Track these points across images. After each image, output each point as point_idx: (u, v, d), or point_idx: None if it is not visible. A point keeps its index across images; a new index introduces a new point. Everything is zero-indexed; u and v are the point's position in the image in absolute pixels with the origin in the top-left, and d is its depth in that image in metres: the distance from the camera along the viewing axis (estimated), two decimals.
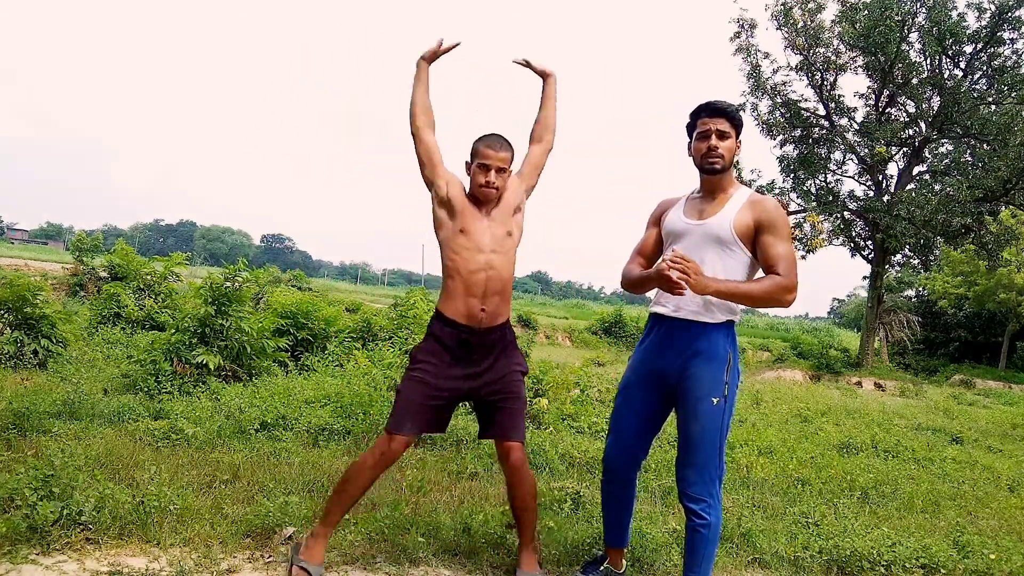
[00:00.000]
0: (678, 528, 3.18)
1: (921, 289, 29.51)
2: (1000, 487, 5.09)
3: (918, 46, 19.22)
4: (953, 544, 3.45)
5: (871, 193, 20.58)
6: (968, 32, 18.49)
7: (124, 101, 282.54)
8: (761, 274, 2.44)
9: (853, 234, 20.85)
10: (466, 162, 2.71)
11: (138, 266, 11.47)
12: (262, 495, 3.17)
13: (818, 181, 20.85)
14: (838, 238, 20.73)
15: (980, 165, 18.80)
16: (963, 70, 19.18)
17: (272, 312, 7.61)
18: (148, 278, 10.52)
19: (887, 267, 21.53)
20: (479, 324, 2.60)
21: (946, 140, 20.12)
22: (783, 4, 19.64)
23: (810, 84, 20.47)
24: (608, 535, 2.73)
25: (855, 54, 19.57)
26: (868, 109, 20.49)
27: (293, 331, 7.52)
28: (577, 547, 2.98)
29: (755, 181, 20.45)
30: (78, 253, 14.10)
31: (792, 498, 4.14)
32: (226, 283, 6.08)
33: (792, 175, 20.83)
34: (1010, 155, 17.14)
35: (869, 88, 20.36)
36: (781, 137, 20.83)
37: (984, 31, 18.42)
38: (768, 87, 20.40)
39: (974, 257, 21.68)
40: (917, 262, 22.41)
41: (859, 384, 17.57)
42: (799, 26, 19.50)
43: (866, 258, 21.12)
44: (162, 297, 10.19)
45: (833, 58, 19.74)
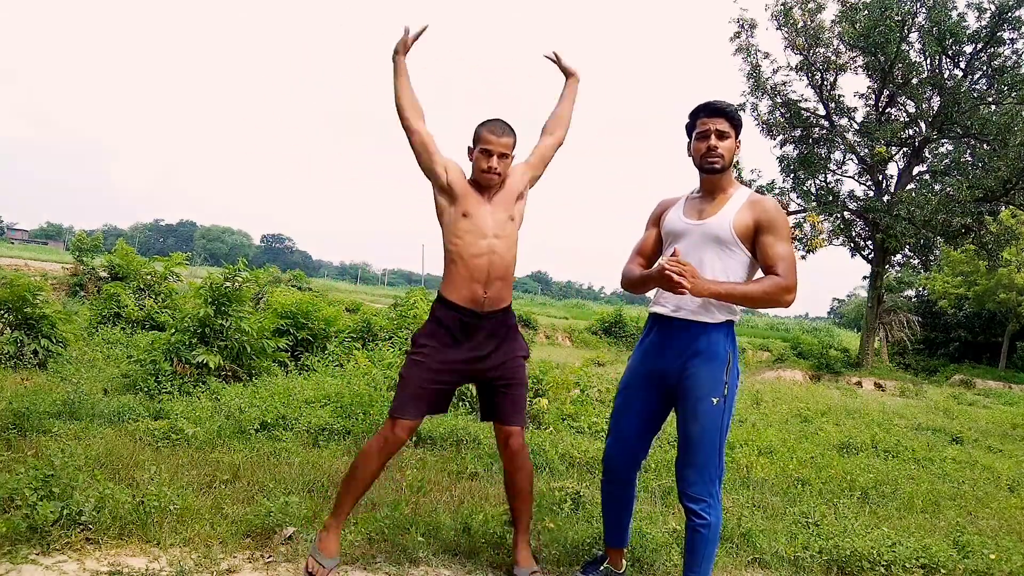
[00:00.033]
0: (678, 528, 3.18)
1: (921, 289, 29.51)
2: (1000, 487, 5.09)
3: (918, 46, 19.23)
4: (953, 544, 3.45)
5: (871, 193, 20.59)
6: (968, 32, 18.49)
7: (124, 101, 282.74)
8: (760, 274, 2.45)
9: (853, 234, 20.85)
10: (468, 147, 2.70)
11: (138, 266, 11.47)
12: (262, 495, 3.17)
13: (818, 181, 20.85)
14: (838, 238, 20.74)
15: (980, 165, 18.80)
16: (963, 70, 19.18)
17: (272, 312, 7.62)
18: (148, 278, 10.52)
19: (887, 267, 21.53)
20: (482, 308, 2.60)
21: (946, 140, 20.12)
22: (783, 4, 19.65)
23: (810, 84, 20.48)
24: (608, 535, 2.73)
25: (855, 54, 19.58)
26: (868, 109, 20.50)
27: (293, 331, 7.52)
28: (577, 547, 2.98)
29: (755, 181, 20.45)
30: (78, 253, 14.10)
31: (792, 498, 4.14)
32: (226, 283, 6.08)
33: (792, 175, 20.84)
34: (1010, 155, 17.14)
35: (869, 88, 20.38)
36: (781, 137, 20.84)
37: (984, 31, 18.42)
38: (768, 87, 20.40)
39: (974, 257, 21.69)
40: (917, 262, 22.42)
41: (859, 384, 17.57)
42: (799, 26, 19.50)
43: (866, 258, 21.12)
44: (162, 297, 10.19)
45: (833, 58, 19.74)
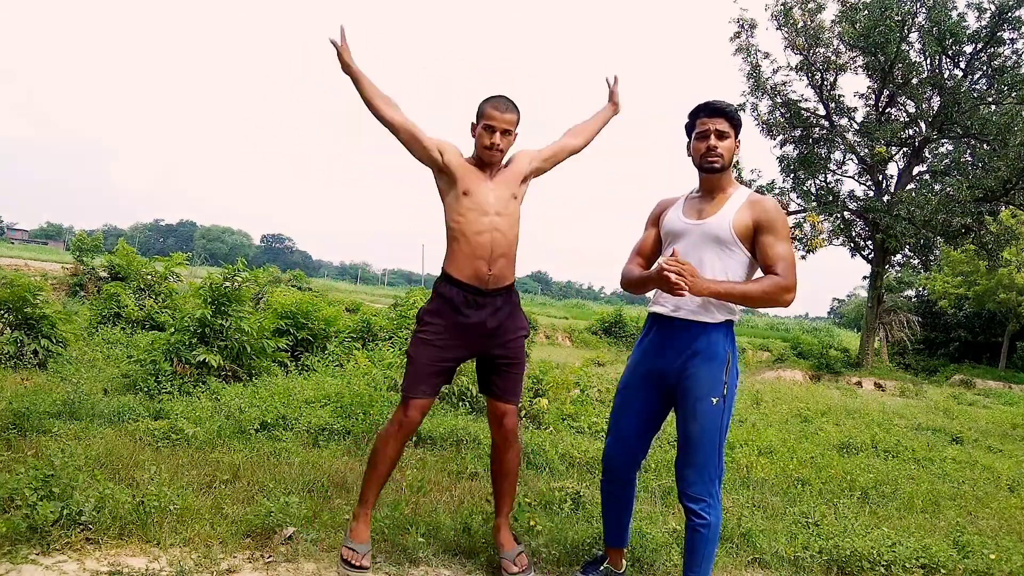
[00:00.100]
0: (678, 528, 3.18)
1: (921, 289, 29.50)
2: (1000, 487, 5.09)
3: (918, 46, 19.23)
4: (953, 544, 3.45)
5: (871, 193, 20.59)
6: (968, 32, 18.49)
7: (124, 101, 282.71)
8: (760, 274, 2.45)
9: (853, 234, 20.86)
10: (472, 123, 2.69)
11: (139, 266, 11.47)
12: (262, 495, 3.17)
13: (818, 181, 20.86)
14: (838, 238, 20.74)
15: (980, 165, 18.80)
16: (963, 70, 19.18)
17: (272, 312, 7.62)
18: (149, 278, 10.52)
19: (887, 267, 21.53)
20: (486, 286, 2.61)
21: (946, 140, 20.12)
22: (783, 4, 19.65)
23: (810, 84, 20.48)
24: (608, 535, 2.73)
25: (855, 54, 19.58)
26: (868, 109, 20.50)
27: (293, 331, 7.52)
28: (577, 547, 2.98)
29: (755, 181, 20.46)
30: (78, 253, 14.10)
31: (792, 498, 4.14)
32: (225, 283, 6.08)
33: (792, 175, 20.84)
34: (1010, 155, 17.14)
35: (869, 88, 20.38)
36: (781, 137, 20.85)
37: (984, 31, 18.42)
38: (768, 87, 20.41)
39: (974, 257, 21.68)
40: (917, 262, 22.42)
41: (859, 384, 17.57)
42: (799, 26, 19.50)
43: (866, 258, 21.12)
44: (162, 297, 10.18)
45: (833, 58, 19.74)
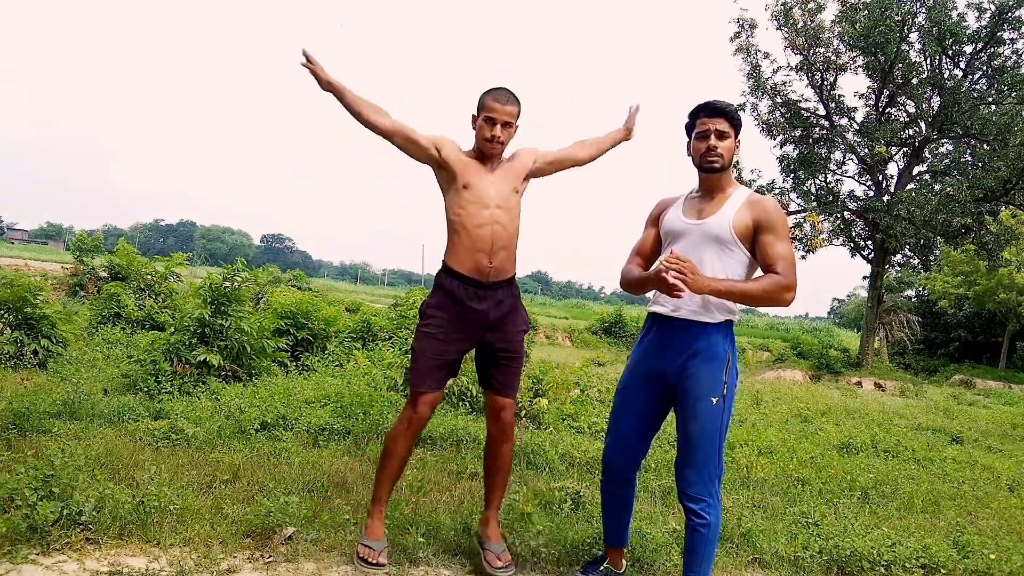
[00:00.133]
0: (678, 528, 3.18)
1: (921, 289, 29.50)
2: (1000, 487, 5.09)
3: (918, 46, 19.23)
4: (953, 544, 3.45)
5: (871, 193, 20.59)
6: (968, 32, 18.49)
7: (124, 101, 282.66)
8: (760, 274, 2.44)
9: (853, 234, 20.86)
10: (472, 115, 2.69)
11: (139, 266, 11.46)
12: (262, 495, 3.17)
13: (818, 181, 20.86)
14: (838, 238, 20.74)
15: (980, 165, 18.80)
16: (963, 70, 19.18)
17: (272, 312, 7.61)
18: (149, 278, 10.51)
19: (887, 267, 21.53)
20: (487, 279, 2.62)
21: (946, 140, 20.12)
22: (783, 4, 19.65)
23: (810, 84, 20.48)
24: (608, 535, 2.73)
25: (855, 54, 19.58)
26: (868, 109, 20.50)
27: (293, 331, 7.52)
28: (577, 547, 2.98)
29: (755, 181, 20.46)
30: (78, 253, 14.09)
31: (792, 498, 4.14)
32: (225, 283, 6.08)
33: (792, 175, 20.84)
34: (1010, 155, 17.14)
35: (869, 88, 20.38)
36: (781, 137, 20.85)
37: (984, 31, 18.42)
38: (768, 87, 20.41)
39: (974, 257, 21.68)
40: (917, 262, 22.43)
41: (859, 384, 17.57)
42: (799, 26, 19.50)
43: (866, 258, 21.12)
44: (162, 297, 10.18)
45: (833, 58, 19.74)
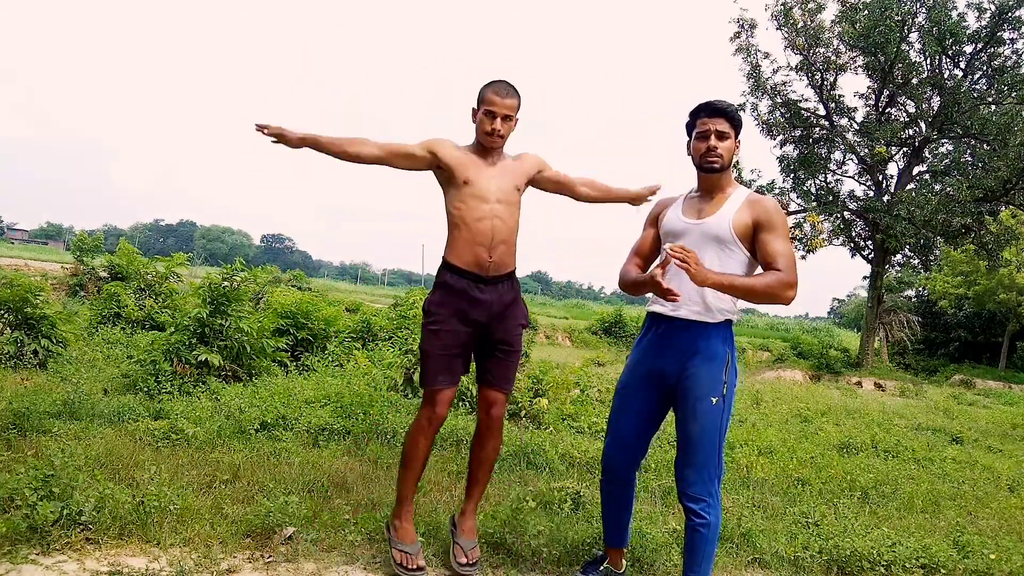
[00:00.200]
0: (678, 528, 3.18)
1: (921, 289, 29.50)
2: (1000, 487, 5.09)
3: (918, 46, 19.23)
4: (953, 544, 3.45)
5: (871, 193, 20.59)
6: (968, 32, 18.49)
7: (124, 101, 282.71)
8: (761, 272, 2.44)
9: (853, 234, 20.86)
10: (472, 109, 2.69)
11: (139, 266, 11.46)
12: (262, 495, 3.17)
13: (818, 181, 20.86)
14: (838, 238, 20.75)
15: (980, 165, 18.80)
16: (963, 70, 19.18)
17: (272, 312, 7.61)
18: (149, 278, 10.51)
19: (887, 267, 21.53)
20: (487, 273, 2.63)
21: (946, 140, 20.12)
22: (783, 4, 19.65)
23: (810, 84, 20.49)
24: (608, 535, 2.73)
25: (855, 54, 19.58)
26: (868, 109, 20.51)
27: (293, 331, 7.52)
28: (577, 547, 2.98)
29: (755, 181, 20.46)
30: (78, 253, 14.07)
31: (792, 498, 4.14)
32: (224, 283, 6.08)
33: (792, 175, 20.84)
34: (1010, 155, 17.14)
35: (869, 88, 20.39)
36: (781, 137, 20.85)
37: (984, 31, 18.42)
38: (768, 87, 20.41)
39: (974, 257, 21.67)
40: (917, 262, 22.44)
41: (859, 384, 17.57)
42: (799, 26, 19.51)
43: (866, 258, 21.13)
44: (162, 297, 10.17)
45: (833, 58, 19.74)
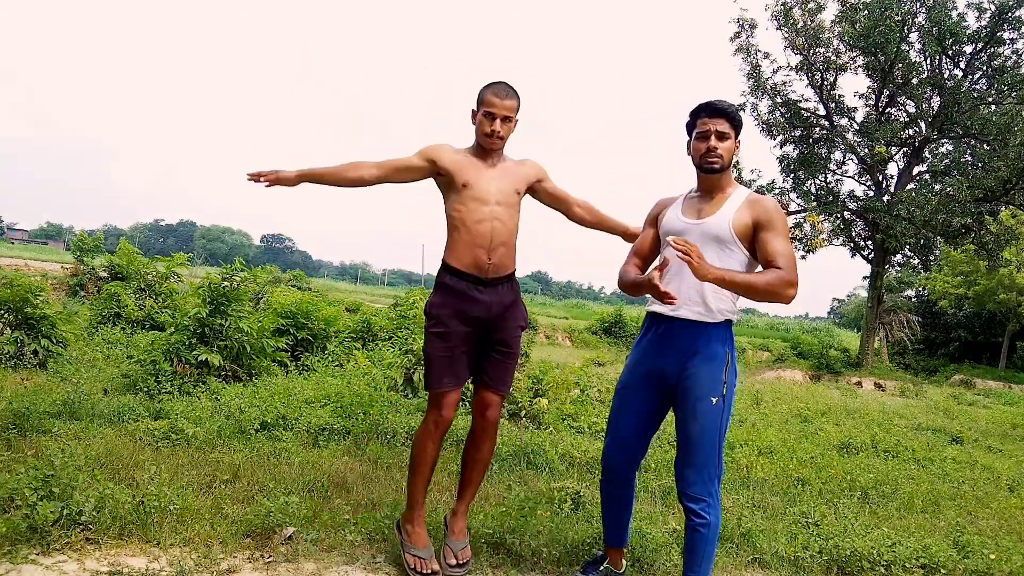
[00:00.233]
0: (678, 528, 3.18)
1: (921, 289, 29.49)
2: (1000, 487, 5.09)
3: (918, 46, 19.23)
4: (953, 544, 3.45)
5: (871, 193, 20.59)
6: (968, 32, 18.49)
7: (124, 101, 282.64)
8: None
9: (853, 234, 20.86)
10: (472, 110, 2.70)
11: (139, 266, 11.45)
12: (262, 495, 3.17)
13: (818, 181, 20.86)
14: (838, 238, 20.74)
15: (980, 165, 18.80)
16: (963, 70, 19.18)
17: (272, 312, 7.61)
18: (150, 278, 10.50)
19: (887, 267, 21.53)
20: (486, 275, 2.63)
21: (946, 140, 20.12)
22: (783, 4, 19.65)
23: (810, 84, 20.48)
24: (608, 535, 2.73)
25: (855, 54, 19.58)
26: (868, 109, 20.50)
27: (293, 331, 7.52)
28: (577, 547, 2.98)
29: (755, 181, 20.45)
30: (78, 253, 14.07)
31: (792, 498, 4.14)
32: (224, 283, 6.08)
33: (792, 175, 20.84)
34: (1010, 155, 17.14)
35: (869, 88, 20.38)
36: (781, 137, 20.84)
37: (984, 31, 18.42)
38: (768, 87, 20.40)
39: (974, 257, 21.67)
40: (917, 262, 22.43)
41: (859, 384, 17.57)
42: (799, 26, 19.50)
43: (866, 258, 21.12)
44: (162, 297, 10.17)
45: (833, 58, 19.74)
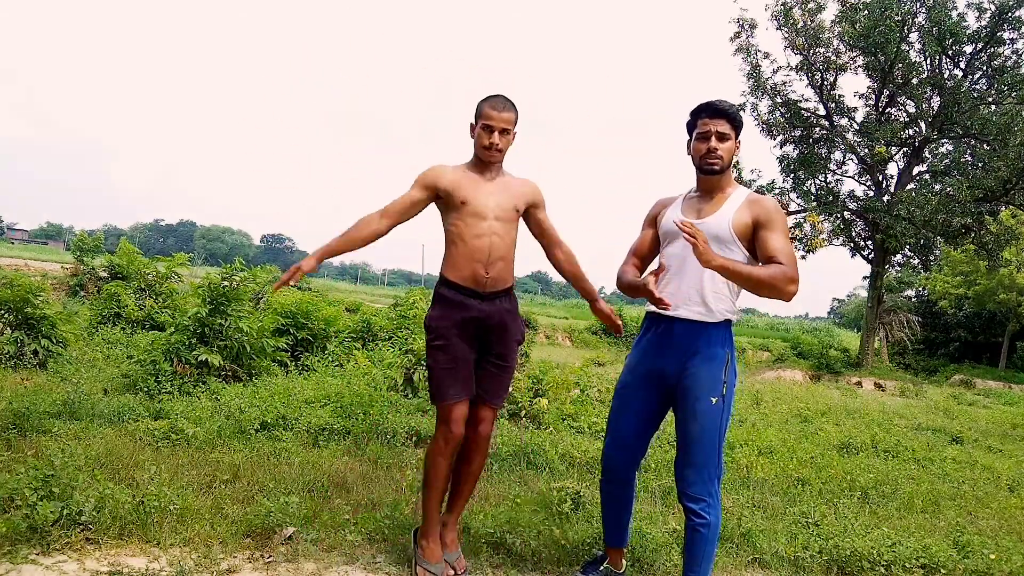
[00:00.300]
0: (678, 528, 3.18)
1: (921, 289, 29.50)
2: (1000, 487, 5.09)
3: (918, 46, 19.23)
4: (953, 544, 3.45)
5: (871, 193, 20.59)
6: (968, 32, 18.49)
7: (124, 101, 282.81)
8: None
9: (853, 234, 20.86)
10: (471, 124, 2.70)
11: (140, 266, 11.45)
12: (262, 495, 3.17)
13: (818, 181, 20.86)
14: (838, 238, 20.75)
15: (980, 165, 18.80)
16: (963, 70, 19.18)
17: (272, 312, 7.61)
18: (150, 278, 10.50)
19: (887, 267, 21.53)
20: (484, 288, 2.63)
21: (946, 140, 20.12)
22: (783, 4, 19.65)
23: (810, 84, 20.48)
24: (608, 535, 2.73)
25: (855, 54, 19.58)
26: (868, 109, 20.50)
27: (293, 331, 7.52)
28: (577, 547, 2.98)
29: (755, 181, 20.45)
30: (78, 253, 14.06)
31: (792, 498, 4.14)
32: (223, 282, 6.07)
33: (792, 175, 20.84)
34: (1010, 155, 17.14)
35: (869, 88, 20.39)
36: (781, 137, 20.85)
37: (984, 31, 18.42)
38: (768, 87, 20.41)
39: (974, 257, 21.68)
40: (917, 262, 22.43)
41: (859, 384, 17.57)
42: (799, 26, 19.50)
43: (866, 258, 21.12)
44: (163, 297, 10.16)
45: (833, 58, 19.74)
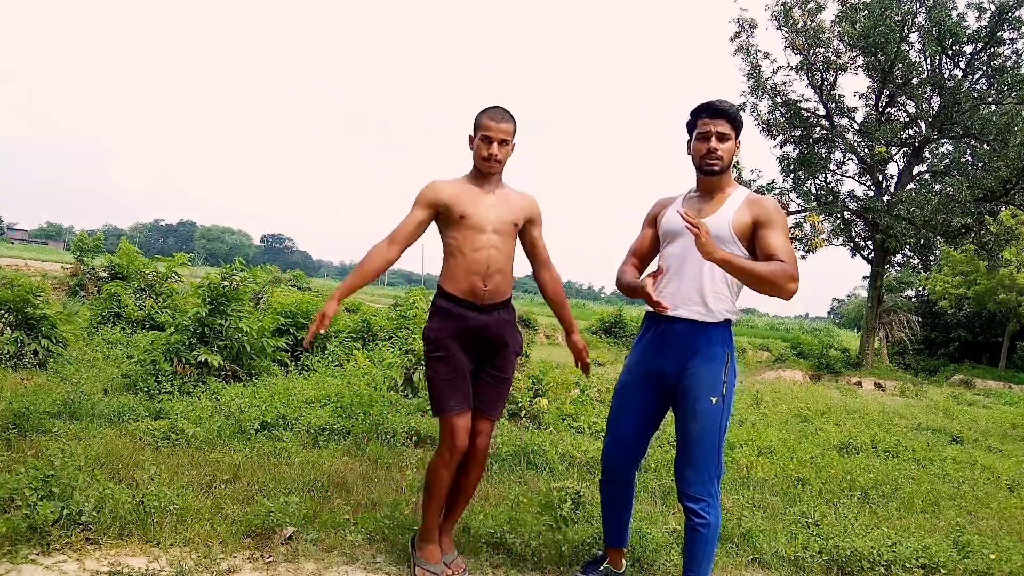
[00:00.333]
0: (678, 528, 3.18)
1: (921, 289, 29.50)
2: (1000, 487, 5.09)
3: (918, 46, 19.22)
4: (953, 544, 3.45)
5: (871, 193, 20.59)
6: (968, 32, 18.49)
7: (124, 101, 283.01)
8: None
9: (853, 234, 20.86)
10: (469, 136, 2.70)
11: (140, 266, 11.45)
12: (262, 495, 3.18)
13: (818, 181, 20.85)
14: (838, 238, 20.74)
15: (980, 165, 18.80)
16: (963, 70, 19.18)
17: (272, 312, 7.61)
18: (150, 278, 10.50)
19: (887, 267, 21.53)
20: (481, 301, 2.63)
21: (946, 140, 20.11)
22: (783, 4, 19.65)
23: (810, 84, 20.48)
24: (608, 535, 2.73)
25: (855, 54, 19.58)
26: (868, 109, 20.50)
27: (293, 331, 7.52)
28: (577, 547, 2.98)
29: (755, 181, 20.45)
30: (78, 253, 14.06)
31: (792, 498, 4.15)
32: (223, 282, 6.07)
33: (792, 175, 20.84)
34: (1010, 155, 17.14)
35: (869, 88, 20.38)
36: (781, 137, 20.84)
37: (984, 31, 18.42)
38: (768, 87, 20.40)
39: (974, 257, 21.67)
40: (917, 262, 22.42)
41: (859, 384, 17.57)
42: (799, 26, 19.50)
43: (866, 258, 21.12)
44: (162, 297, 10.16)
45: (833, 58, 19.74)
